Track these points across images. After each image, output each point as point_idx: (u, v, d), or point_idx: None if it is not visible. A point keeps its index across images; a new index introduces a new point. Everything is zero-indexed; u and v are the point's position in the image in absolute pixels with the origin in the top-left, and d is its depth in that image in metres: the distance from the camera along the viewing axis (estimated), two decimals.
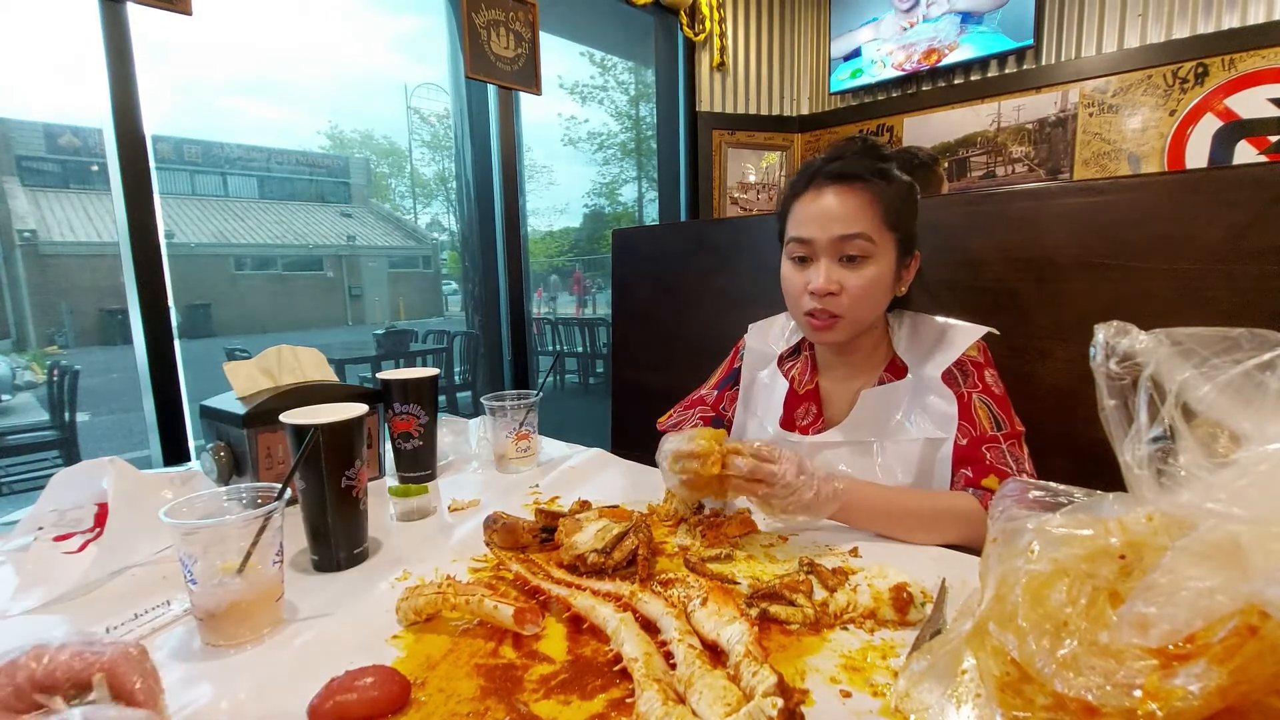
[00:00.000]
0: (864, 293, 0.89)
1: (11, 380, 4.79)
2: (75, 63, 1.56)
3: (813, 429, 1.01)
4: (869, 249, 0.88)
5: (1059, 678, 0.33)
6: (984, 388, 0.91)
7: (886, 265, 0.89)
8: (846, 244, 0.88)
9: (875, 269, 0.89)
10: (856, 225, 0.87)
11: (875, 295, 0.90)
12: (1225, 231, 0.93)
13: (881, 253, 0.89)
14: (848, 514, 0.81)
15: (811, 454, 0.97)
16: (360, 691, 0.49)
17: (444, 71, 2.77)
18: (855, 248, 0.88)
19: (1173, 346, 0.36)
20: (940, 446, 0.90)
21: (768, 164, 3.63)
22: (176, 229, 11.58)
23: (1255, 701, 0.31)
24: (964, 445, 0.88)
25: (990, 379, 0.92)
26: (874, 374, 0.98)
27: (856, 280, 0.88)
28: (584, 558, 0.70)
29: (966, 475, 0.87)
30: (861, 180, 0.88)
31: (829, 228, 0.88)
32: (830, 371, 1.02)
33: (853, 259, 0.88)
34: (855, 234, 0.87)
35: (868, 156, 0.91)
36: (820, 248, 0.89)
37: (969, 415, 0.89)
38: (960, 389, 0.91)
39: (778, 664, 0.52)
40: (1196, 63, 2.56)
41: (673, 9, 3.25)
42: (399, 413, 1.02)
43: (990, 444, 0.87)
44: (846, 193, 0.88)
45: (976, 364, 0.93)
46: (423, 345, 5.88)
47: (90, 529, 0.82)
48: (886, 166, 0.90)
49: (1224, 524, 0.31)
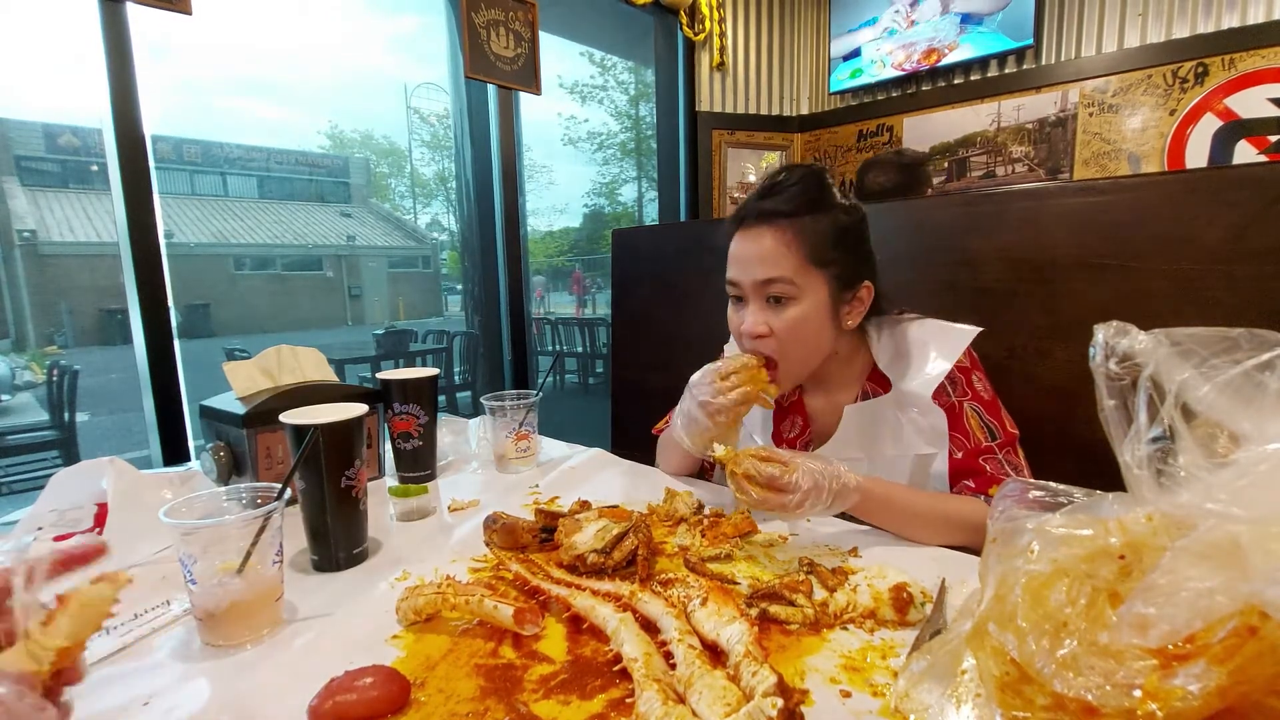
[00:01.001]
0: (790, 334, 0.87)
1: (11, 380, 4.79)
2: (75, 62, 1.56)
3: (800, 441, 1.01)
4: (790, 290, 0.86)
5: (1059, 678, 0.33)
6: (973, 394, 0.90)
7: (814, 304, 0.87)
8: (769, 286, 0.86)
9: (799, 310, 0.86)
10: (776, 269, 0.85)
11: (804, 335, 0.88)
12: (1225, 231, 0.93)
13: (807, 293, 0.86)
14: (861, 510, 0.80)
15: None
16: (360, 691, 0.49)
17: (444, 71, 2.77)
18: (777, 290, 0.86)
19: (1172, 347, 0.36)
20: (931, 462, 0.89)
21: (768, 164, 3.63)
22: (176, 229, 11.58)
23: (1255, 702, 0.31)
24: (960, 459, 0.87)
25: (979, 383, 0.91)
26: (855, 386, 0.97)
27: (780, 323, 0.87)
28: (584, 558, 0.70)
29: (969, 487, 0.86)
30: (786, 218, 0.86)
31: (750, 270, 0.87)
32: (813, 385, 1.01)
33: (779, 300, 0.87)
34: (774, 278, 0.86)
35: (801, 187, 0.87)
36: (746, 290, 0.89)
37: (961, 426, 0.88)
38: (950, 399, 0.89)
39: (778, 664, 0.52)
40: (1196, 62, 2.56)
41: (673, 9, 3.25)
42: (399, 413, 1.02)
43: (986, 454, 0.86)
44: (770, 233, 0.86)
45: (963, 369, 0.91)
46: (422, 345, 5.88)
47: (90, 529, 0.82)
48: (821, 197, 0.87)
49: (1224, 524, 0.31)
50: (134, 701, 0.51)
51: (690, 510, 0.88)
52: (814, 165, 0.92)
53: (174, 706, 0.51)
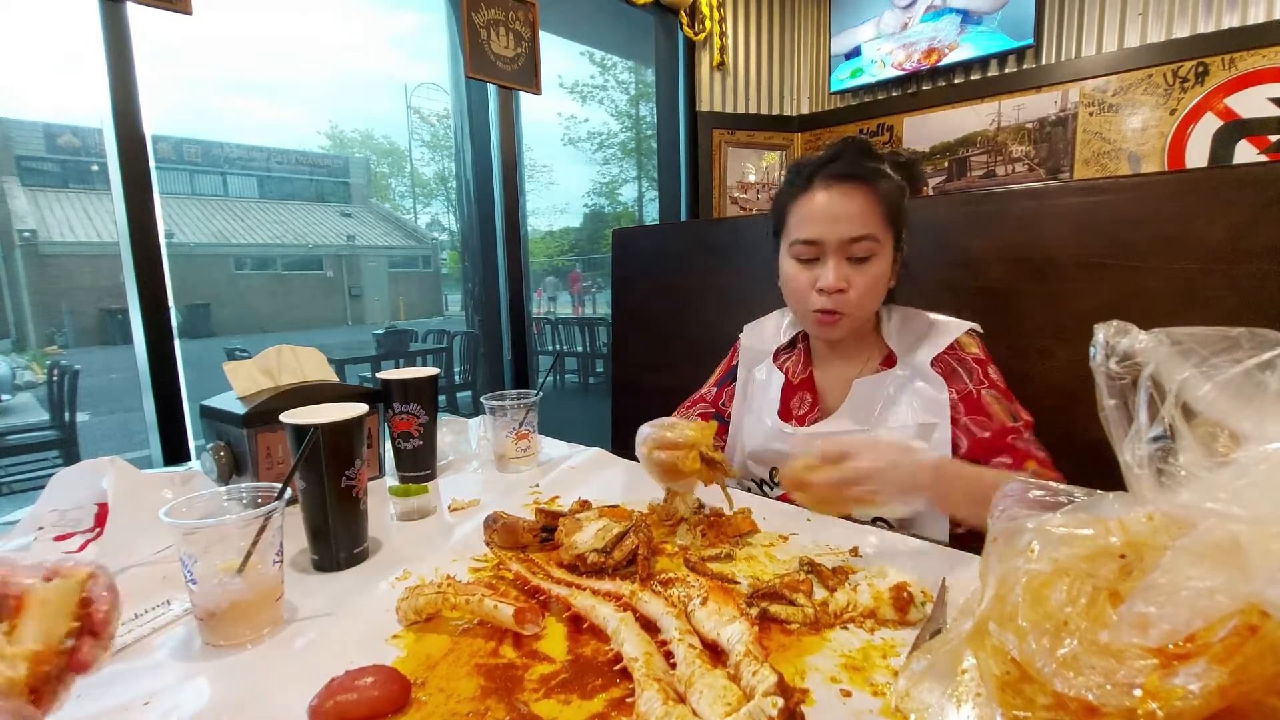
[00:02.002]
0: (870, 290, 0.92)
1: (11, 380, 4.79)
2: (75, 62, 1.56)
3: (809, 418, 1.02)
4: (875, 248, 0.90)
5: (1059, 677, 0.33)
6: (990, 383, 0.93)
7: (888, 262, 0.93)
8: (855, 245, 0.90)
9: (879, 266, 0.91)
10: (864, 226, 0.89)
11: (878, 291, 0.93)
12: (1225, 231, 0.93)
13: (884, 250, 0.92)
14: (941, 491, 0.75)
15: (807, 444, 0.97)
16: (360, 691, 0.49)
17: (444, 71, 2.77)
18: (863, 249, 0.90)
19: (1172, 346, 0.36)
20: (933, 432, 0.91)
21: (768, 163, 3.63)
22: (176, 229, 11.58)
23: (1255, 701, 0.31)
24: (988, 438, 0.89)
25: (994, 374, 0.94)
26: (866, 363, 1.01)
27: (863, 278, 0.91)
28: (584, 557, 0.70)
29: (1006, 464, 0.87)
30: (864, 180, 0.90)
31: (837, 229, 0.90)
32: (824, 362, 1.05)
33: (860, 259, 0.91)
34: (864, 235, 0.89)
35: (864, 156, 0.93)
36: (829, 248, 0.91)
37: (982, 409, 0.90)
38: (967, 385, 0.92)
39: (778, 663, 0.52)
40: (1196, 62, 2.56)
41: (673, 8, 3.25)
42: (399, 413, 1.02)
43: (1014, 434, 0.89)
44: (851, 193, 0.90)
45: (979, 360, 0.94)
46: (423, 345, 5.88)
47: (90, 529, 0.82)
48: (881, 166, 0.93)
49: (1224, 524, 0.31)
50: (134, 701, 0.51)
51: (690, 510, 0.88)
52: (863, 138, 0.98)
53: (174, 706, 0.51)
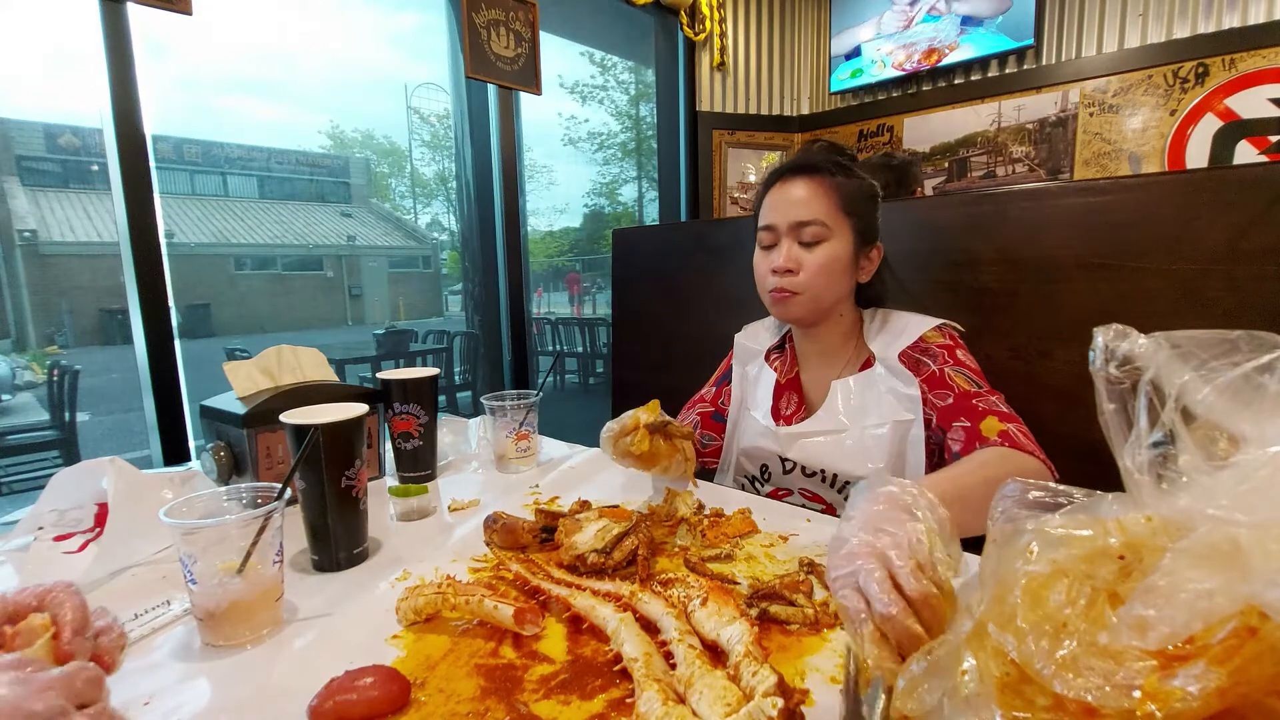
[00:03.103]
0: (820, 271, 0.96)
1: (11, 380, 4.79)
2: (75, 62, 1.56)
3: (795, 417, 1.06)
4: (823, 233, 0.96)
5: (1058, 679, 0.33)
6: (955, 361, 0.95)
7: (842, 248, 0.97)
8: (803, 229, 0.96)
9: (830, 251, 0.96)
10: (812, 212, 0.96)
11: (831, 273, 0.97)
12: (1225, 231, 0.93)
13: (837, 236, 0.96)
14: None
15: (789, 444, 1.02)
16: (360, 691, 0.49)
17: (444, 71, 2.77)
18: (811, 233, 0.96)
19: (1172, 349, 0.36)
20: (909, 429, 0.94)
21: (768, 164, 3.63)
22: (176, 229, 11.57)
23: (1255, 703, 0.31)
24: (950, 404, 0.91)
25: (964, 357, 0.96)
26: (847, 365, 1.04)
27: (812, 259, 0.96)
28: (584, 558, 0.70)
29: (964, 426, 0.89)
30: (818, 171, 0.97)
31: (788, 213, 0.97)
32: (808, 363, 1.08)
33: (810, 243, 0.96)
34: (810, 220, 0.96)
35: (831, 150, 1.03)
36: (781, 232, 0.98)
37: (944, 383, 0.93)
38: (930, 367, 0.95)
39: (778, 664, 0.52)
40: (1197, 63, 2.56)
41: (673, 9, 3.25)
42: (399, 413, 1.02)
43: (976, 397, 0.91)
44: (805, 183, 0.97)
45: (944, 347, 0.97)
46: (423, 345, 5.88)
47: (90, 529, 0.82)
48: (844, 162, 1.00)
49: (1224, 527, 0.31)
50: (134, 701, 0.51)
51: (690, 510, 0.88)
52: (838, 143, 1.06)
53: (174, 706, 0.51)
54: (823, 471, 0.99)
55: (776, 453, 1.03)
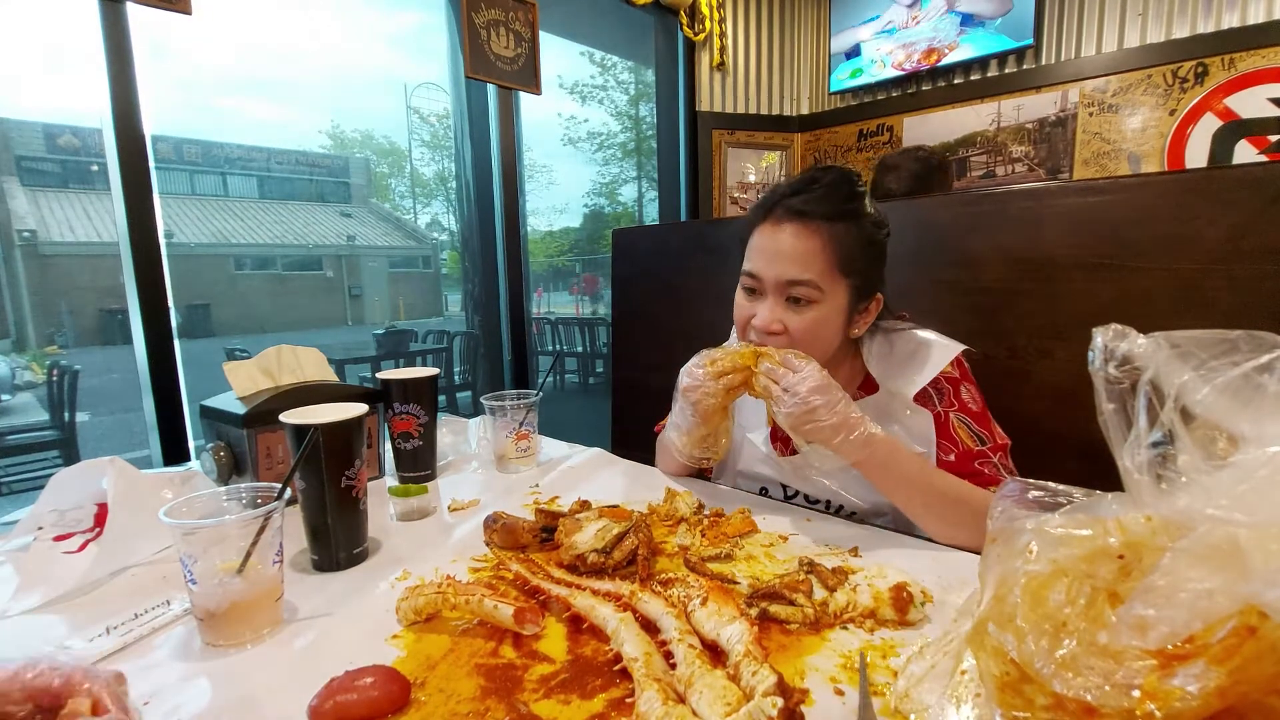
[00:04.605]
0: (807, 334, 0.86)
1: (11, 380, 4.78)
2: (75, 62, 1.56)
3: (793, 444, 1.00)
4: (815, 295, 0.85)
5: (1058, 678, 0.33)
6: (960, 405, 0.90)
7: (834, 309, 0.87)
8: (792, 288, 0.85)
9: (820, 313, 0.86)
10: (805, 271, 0.84)
11: (819, 337, 0.87)
12: (1225, 231, 0.93)
13: (830, 298, 0.86)
14: (872, 469, 0.79)
15: (794, 474, 0.98)
16: (360, 691, 0.49)
17: (444, 71, 2.77)
18: (800, 292, 0.85)
19: (1171, 349, 0.36)
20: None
21: (768, 164, 3.63)
22: (176, 229, 11.56)
23: (1254, 702, 0.31)
24: (952, 461, 0.87)
25: (967, 395, 0.91)
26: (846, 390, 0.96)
27: (799, 322, 0.86)
28: (584, 557, 0.71)
29: None
30: (820, 221, 0.84)
31: (777, 268, 0.85)
32: None
33: (798, 301, 0.86)
34: (802, 280, 0.84)
35: (836, 191, 0.86)
36: (768, 285, 0.87)
37: (949, 434, 0.88)
38: (936, 408, 0.89)
39: (778, 664, 0.52)
40: (1196, 62, 2.56)
41: (673, 9, 3.25)
42: (399, 413, 1.02)
43: (980, 459, 0.86)
44: (802, 233, 0.84)
45: (952, 380, 0.91)
46: (423, 345, 5.88)
47: (90, 529, 0.82)
48: (855, 206, 0.86)
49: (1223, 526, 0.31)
50: (134, 701, 0.51)
51: (690, 510, 0.88)
52: (848, 169, 0.90)
53: (174, 706, 0.51)
54: (828, 502, 0.96)
55: (778, 480, 1.00)
